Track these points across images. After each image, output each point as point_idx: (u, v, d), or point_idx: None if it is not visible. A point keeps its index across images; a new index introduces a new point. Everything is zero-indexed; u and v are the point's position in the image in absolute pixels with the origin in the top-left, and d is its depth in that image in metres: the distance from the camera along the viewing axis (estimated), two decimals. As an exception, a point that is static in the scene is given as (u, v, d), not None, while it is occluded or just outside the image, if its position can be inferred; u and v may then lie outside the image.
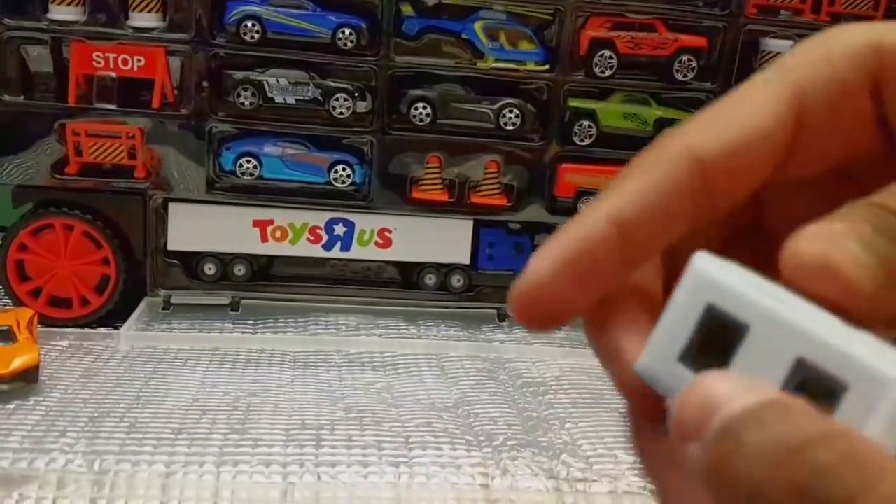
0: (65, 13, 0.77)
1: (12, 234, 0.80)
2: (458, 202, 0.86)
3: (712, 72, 0.85)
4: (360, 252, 0.87)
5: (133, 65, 0.78)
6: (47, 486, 0.53)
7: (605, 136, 0.85)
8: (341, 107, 0.81)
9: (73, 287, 0.81)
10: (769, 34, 0.85)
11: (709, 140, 0.19)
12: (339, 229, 0.86)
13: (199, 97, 0.80)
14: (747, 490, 0.15)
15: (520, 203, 0.86)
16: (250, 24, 0.79)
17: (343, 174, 0.83)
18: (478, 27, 0.82)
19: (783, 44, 0.85)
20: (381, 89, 0.82)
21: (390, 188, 0.85)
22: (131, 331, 0.80)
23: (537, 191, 0.86)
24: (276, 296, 0.88)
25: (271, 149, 0.83)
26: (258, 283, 0.88)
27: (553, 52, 0.83)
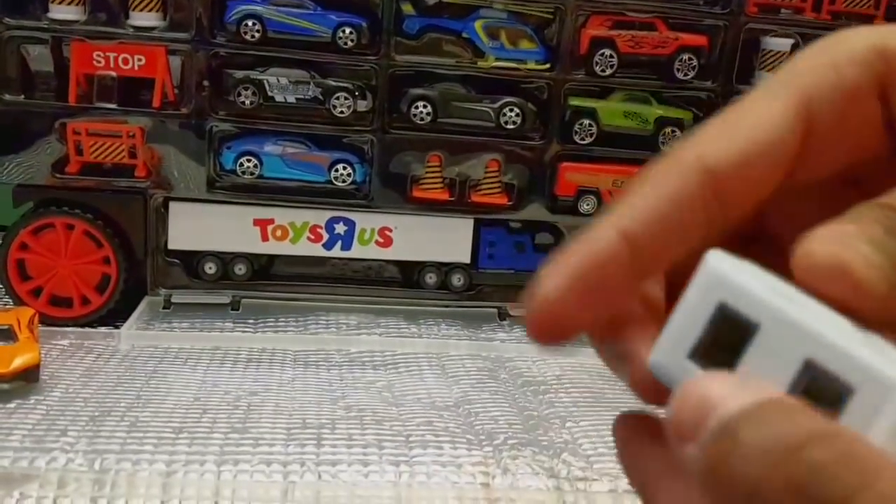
0: (65, 12, 0.77)
1: (13, 234, 0.80)
2: (459, 201, 0.86)
3: (713, 70, 0.85)
4: (361, 251, 0.87)
5: (133, 64, 0.78)
6: (48, 484, 0.53)
7: (605, 135, 0.85)
8: (342, 106, 0.81)
9: (73, 286, 0.81)
10: (770, 33, 0.85)
11: (719, 151, 0.19)
12: (340, 228, 0.86)
13: (199, 96, 0.80)
14: (744, 490, 0.15)
15: (520, 202, 0.86)
16: (251, 23, 0.79)
17: (343, 173, 0.83)
18: (478, 26, 0.82)
19: (784, 42, 0.85)
20: (381, 88, 0.82)
21: (391, 187, 0.85)
22: (132, 330, 0.80)
23: (538, 190, 0.86)
24: (277, 295, 0.88)
25: (272, 148, 0.83)
26: (259, 283, 0.88)
27: (553, 50, 0.83)
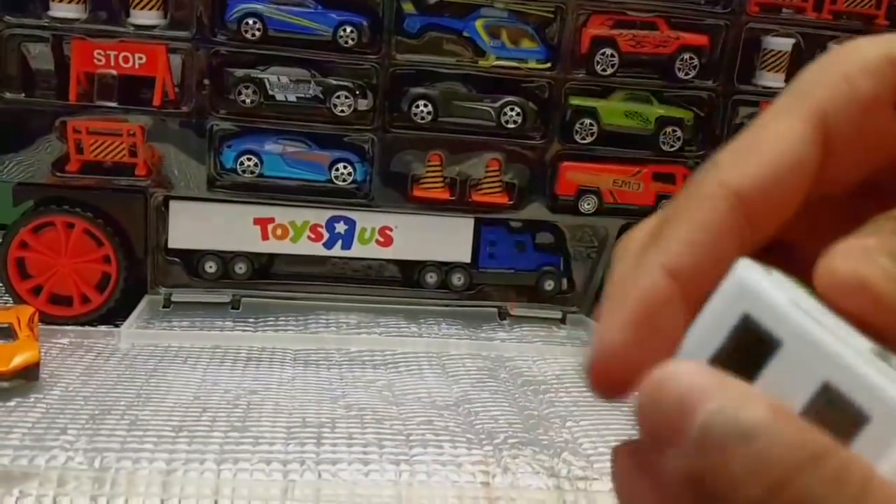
0: (66, 11, 0.77)
1: (13, 232, 0.80)
2: (460, 200, 0.86)
3: (714, 70, 0.85)
4: (361, 250, 0.87)
5: (134, 62, 0.78)
6: (48, 483, 0.53)
7: (606, 135, 0.85)
8: (342, 105, 0.81)
9: (73, 285, 0.81)
10: (771, 32, 0.85)
11: (744, 176, 0.19)
12: (340, 227, 0.86)
13: (199, 95, 0.80)
14: None
15: (521, 201, 0.86)
16: (251, 21, 0.79)
17: (344, 172, 0.83)
18: (479, 25, 0.82)
19: (785, 42, 0.85)
20: (382, 87, 0.82)
21: (391, 186, 0.85)
22: (132, 328, 0.80)
23: (538, 189, 0.86)
24: (277, 294, 0.88)
25: (272, 147, 0.83)
26: (259, 282, 0.88)
27: (554, 50, 0.83)
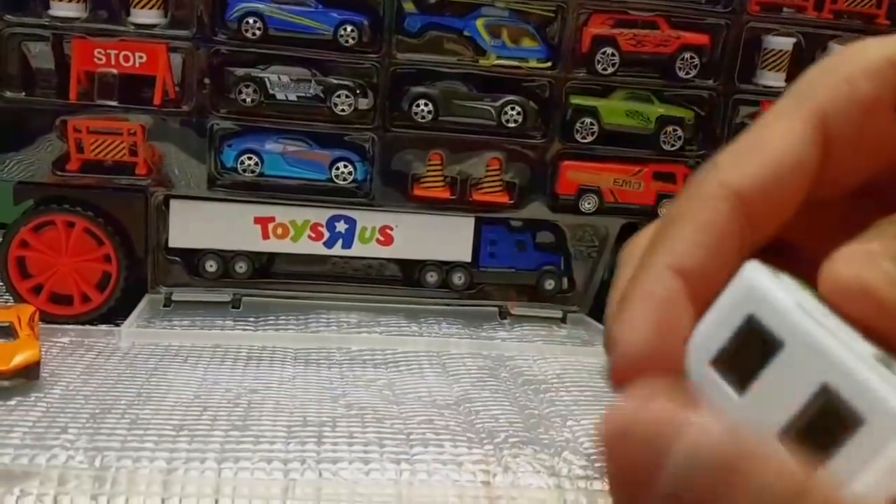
0: (66, 10, 0.77)
1: (13, 231, 0.80)
2: (460, 200, 0.86)
3: (715, 69, 0.85)
4: (362, 249, 0.87)
5: (134, 61, 0.78)
6: (48, 482, 0.53)
7: (607, 134, 0.85)
8: (343, 104, 0.81)
9: (74, 284, 0.81)
10: (772, 31, 0.85)
11: (745, 176, 0.19)
12: (341, 226, 0.86)
13: (200, 94, 0.80)
14: None
15: (521, 201, 0.86)
16: (252, 20, 0.79)
17: (344, 171, 0.83)
18: (480, 24, 0.82)
19: (786, 41, 0.85)
20: (382, 86, 0.82)
21: (392, 185, 0.85)
22: (132, 328, 0.79)
23: (539, 188, 0.86)
24: (278, 293, 0.88)
25: (273, 146, 0.83)
26: (259, 281, 0.88)
27: (555, 49, 0.83)
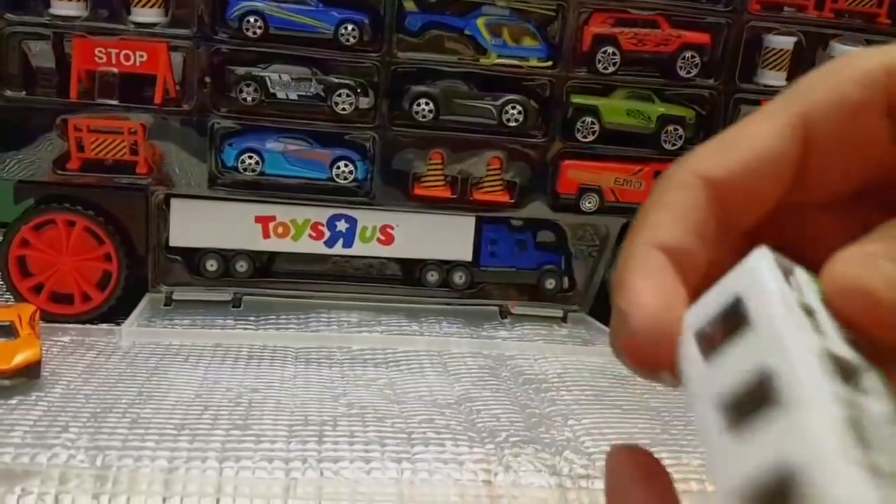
0: (67, 8, 0.77)
1: (14, 230, 0.80)
2: (461, 199, 0.86)
3: (716, 68, 0.85)
4: (362, 248, 0.87)
5: (135, 60, 0.78)
6: (49, 481, 0.53)
7: (607, 133, 0.85)
8: (344, 103, 0.81)
9: (74, 283, 0.81)
10: (772, 31, 0.85)
11: (716, 166, 0.20)
12: (342, 226, 0.86)
13: (201, 93, 0.80)
14: None
15: (522, 200, 0.86)
16: (252, 19, 0.79)
17: (345, 170, 0.83)
18: (480, 23, 0.82)
19: (786, 40, 0.85)
20: (383, 85, 0.82)
21: (392, 185, 0.84)
22: (133, 327, 0.79)
23: (540, 188, 0.86)
24: (278, 292, 0.88)
25: (273, 145, 0.83)
26: (260, 280, 0.88)
27: (556, 48, 0.83)
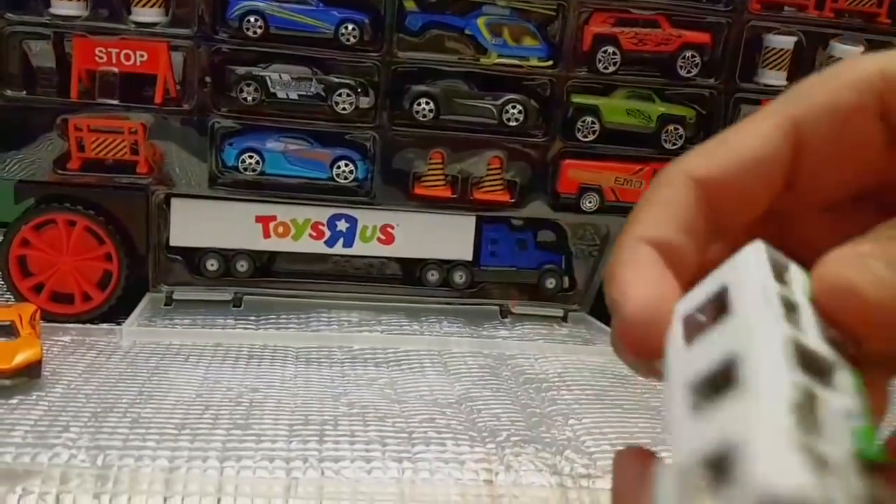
0: (67, 8, 0.77)
1: (14, 230, 0.80)
2: (461, 198, 0.86)
3: (716, 68, 0.85)
4: (363, 248, 0.87)
5: (135, 60, 0.78)
6: (50, 480, 0.53)
7: (608, 133, 0.85)
8: (344, 102, 0.81)
9: (75, 283, 0.81)
10: (773, 30, 0.85)
11: (706, 166, 0.20)
12: (342, 225, 0.86)
13: (201, 92, 0.80)
14: None
15: (522, 199, 0.86)
16: (253, 19, 0.79)
17: (345, 170, 0.83)
18: (481, 23, 0.82)
19: (787, 40, 0.85)
20: (383, 85, 0.82)
21: (393, 184, 0.84)
22: (133, 326, 0.79)
23: (540, 187, 0.86)
24: (279, 292, 0.88)
25: (274, 144, 0.83)
26: (260, 279, 0.88)
27: (556, 47, 0.83)
